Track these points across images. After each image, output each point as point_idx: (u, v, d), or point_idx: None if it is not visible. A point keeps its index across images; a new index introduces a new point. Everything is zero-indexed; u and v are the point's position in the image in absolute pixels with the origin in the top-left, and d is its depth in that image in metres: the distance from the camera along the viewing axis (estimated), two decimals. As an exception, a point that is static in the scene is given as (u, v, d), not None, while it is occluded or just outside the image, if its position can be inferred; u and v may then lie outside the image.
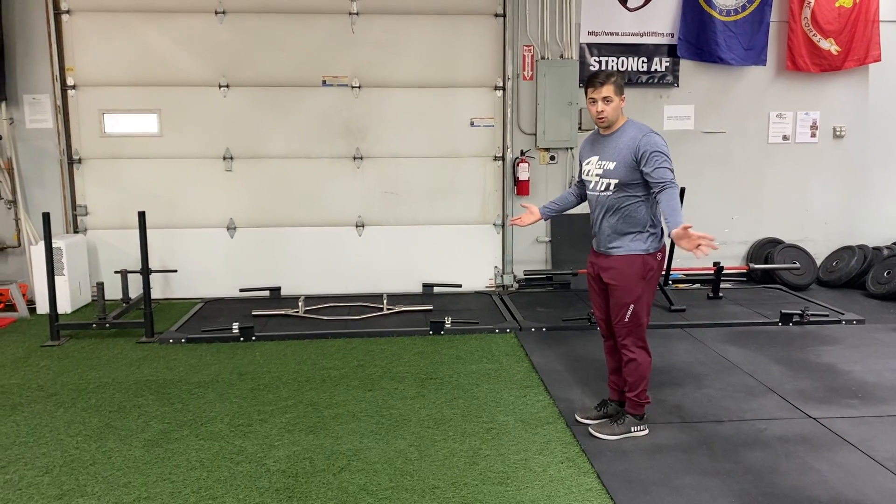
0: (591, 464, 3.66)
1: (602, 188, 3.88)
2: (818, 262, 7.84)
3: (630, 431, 3.97)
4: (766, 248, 7.79)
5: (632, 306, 3.85)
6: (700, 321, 6.24)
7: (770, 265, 7.54)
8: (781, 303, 6.80)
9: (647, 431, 4.01)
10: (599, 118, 3.85)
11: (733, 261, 7.89)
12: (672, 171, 3.74)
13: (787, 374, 4.97)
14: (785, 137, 7.81)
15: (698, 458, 3.72)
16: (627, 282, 3.84)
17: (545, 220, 4.26)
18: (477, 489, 3.42)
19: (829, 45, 7.51)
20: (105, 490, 3.44)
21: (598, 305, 4.10)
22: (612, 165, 3.82)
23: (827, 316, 6.28)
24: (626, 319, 3.87)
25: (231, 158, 7.22)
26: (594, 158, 3.92)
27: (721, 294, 7.12)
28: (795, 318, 6.17)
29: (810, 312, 6.21)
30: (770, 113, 7.75)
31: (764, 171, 7.84)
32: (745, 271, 7.79)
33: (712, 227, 7.81)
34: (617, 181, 3.81)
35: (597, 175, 3.89)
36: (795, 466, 3.62)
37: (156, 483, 3.50)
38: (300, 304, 6.59)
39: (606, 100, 3.80)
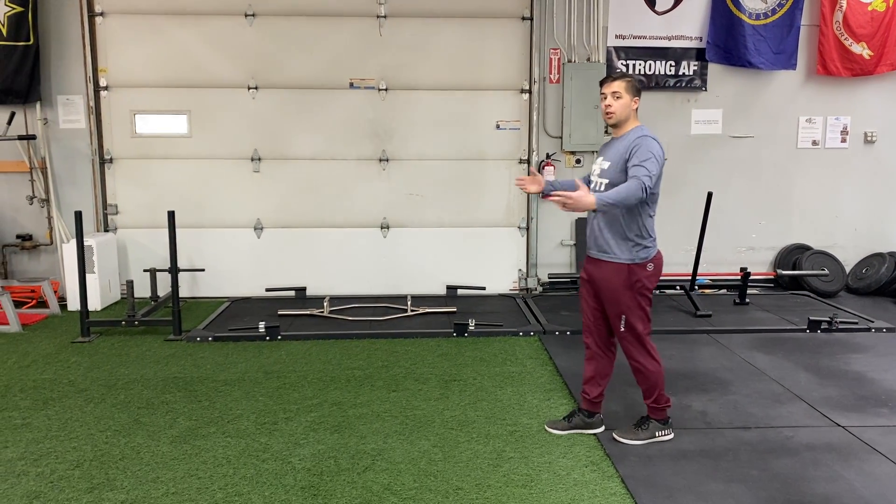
0: (615, 468, 3.65)
1: (597, 188, 3.85)
2: (847, 269, 7.73)
3: (655, 437, 3.95)
4: (794, 255, 7.70)
5: (623, 316, 3.81)
6: (726, 327, 6.19)
7: (798, 271, 7.45)
8: (809, 310, 6.71)
9: (672, 435, 3.98)
10: (607, 114, 3.81)
11: (760, 266, 7.81)
12: (651, 177, 3.59)
13: (814, 381, 4.91)
14: (814, 143, 7.72)
15: (724, 465, 3.69)
16: (613, 291, 3.80)
17: (542, 196, 4.04)
18: (501, 491, 3.43)
19: (861, 50, 7.41)
20: (134, 484, 3.49)
21: (583, 310, 4.05)
22: (607, 165, 3.81)
23: (856, 323, 6.19)
24: (622, 329, 3.84)
25: (259, 159, 7.30)
26: (600, 159, 3.92)
27: (748, 300, 7.05)
28: (824, 326, 6.09)
29: (839, 320, 6.13)
30: (800, 118, 7.66)
31: (793, 177, 7.75)
32: (772, 277, 7.71)
33: (739, 233, 7.75)
34: (608, 181, 3.78)
35: (597, 175, 3.89)
36: (824, 475, 3.58)
37: (183, 479, 3.55)
38: (325, 304, 6.64)
39: (615, 94, 3.77)
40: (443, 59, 7.29)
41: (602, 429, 4.07)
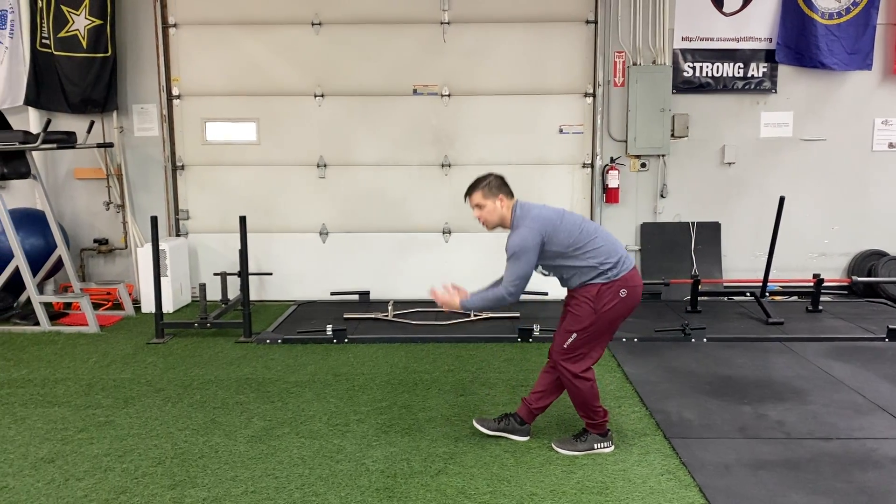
0: (692, 477, 3.58)
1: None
2: (927, 276, 7.44)
3: (593, 448, 3.86)
4: (869, 261, 7.44)
5: (574, 335, 3.75)
6: (800, 335, 6.01)
7: (874, 278, 7.20)
8: (887, 318, 6.47)
9: (612, 448, 3.88)
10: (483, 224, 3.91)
11: (833, 273, 7.57)
12: (512, 284, 3.70)
13: (897, 392, 4.74)
14: (891, 145, 7.46)
15: (806, 476, 3.59)
16: (580, 310, 3.74)
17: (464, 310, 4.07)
18: (576, 498, 3.40)
19: (941, 48, 7.13)
20: (214, 482, 3.58)
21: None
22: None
23: (939, 333, 5.95)
24: (565, 346, 3.79)
25: (325, 166, 7.42)
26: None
27: (821, 307, 6.84)
28: (904, 335, 5.87)
29: (920, 328, 5.89)
30: (875, 119, 7.41)
31: (867, 181, 7.49)
32: (846, 284, 7.46)
33: (811, 238, 7.54)
34: (539, 267, 3.82)
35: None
36: (913, 489, 3.45)
37: (261, 478, 3.62)
38: (389, 308, 6.70)
39: (478, 206, 3.86)
40: (506, 63, 7.29)
41: (527, 438, 4.02)
